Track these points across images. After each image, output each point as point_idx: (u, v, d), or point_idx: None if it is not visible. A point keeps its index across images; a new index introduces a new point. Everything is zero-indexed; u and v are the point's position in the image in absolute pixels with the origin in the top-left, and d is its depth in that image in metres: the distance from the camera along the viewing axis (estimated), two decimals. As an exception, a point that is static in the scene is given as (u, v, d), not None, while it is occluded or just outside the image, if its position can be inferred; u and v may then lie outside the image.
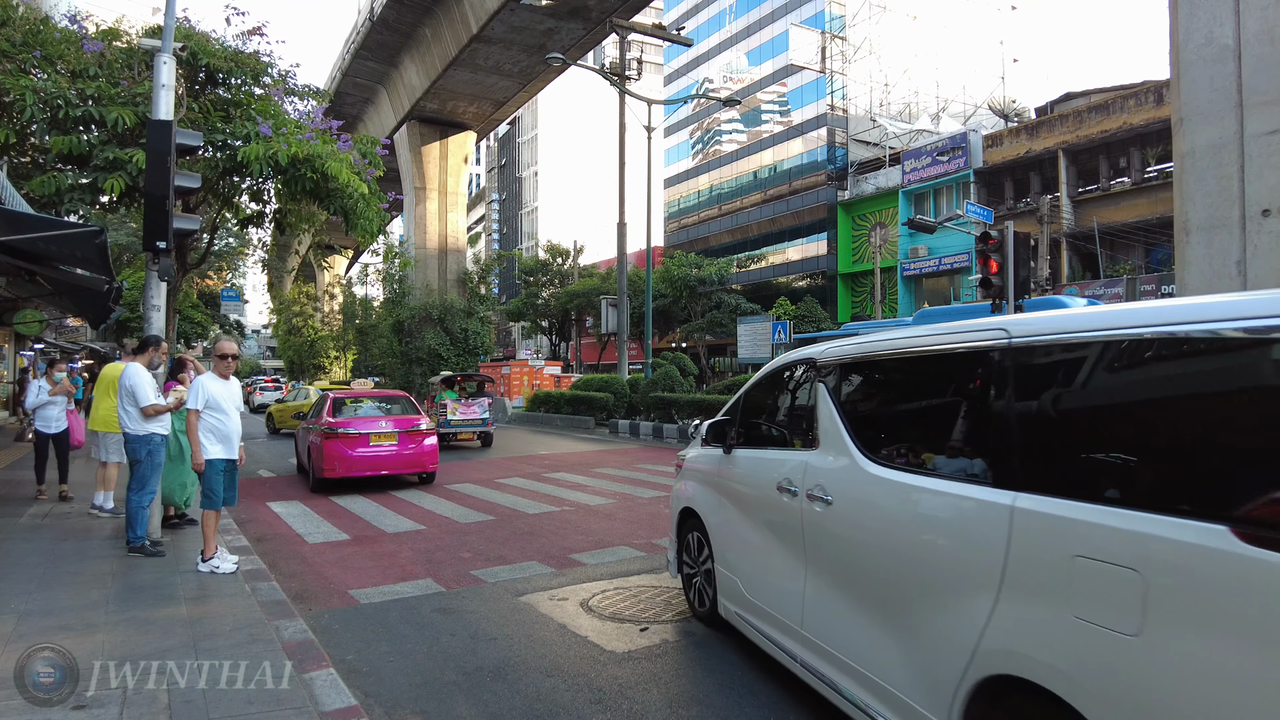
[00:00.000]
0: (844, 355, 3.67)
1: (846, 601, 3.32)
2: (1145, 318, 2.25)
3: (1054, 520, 2.33)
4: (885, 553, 3.11)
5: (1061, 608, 2.25)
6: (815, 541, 3.58)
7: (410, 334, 40.09)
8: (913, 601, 2.89)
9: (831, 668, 3.35)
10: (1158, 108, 28.17)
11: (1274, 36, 10.87)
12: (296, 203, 12.32)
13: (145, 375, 6.68)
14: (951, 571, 2.72)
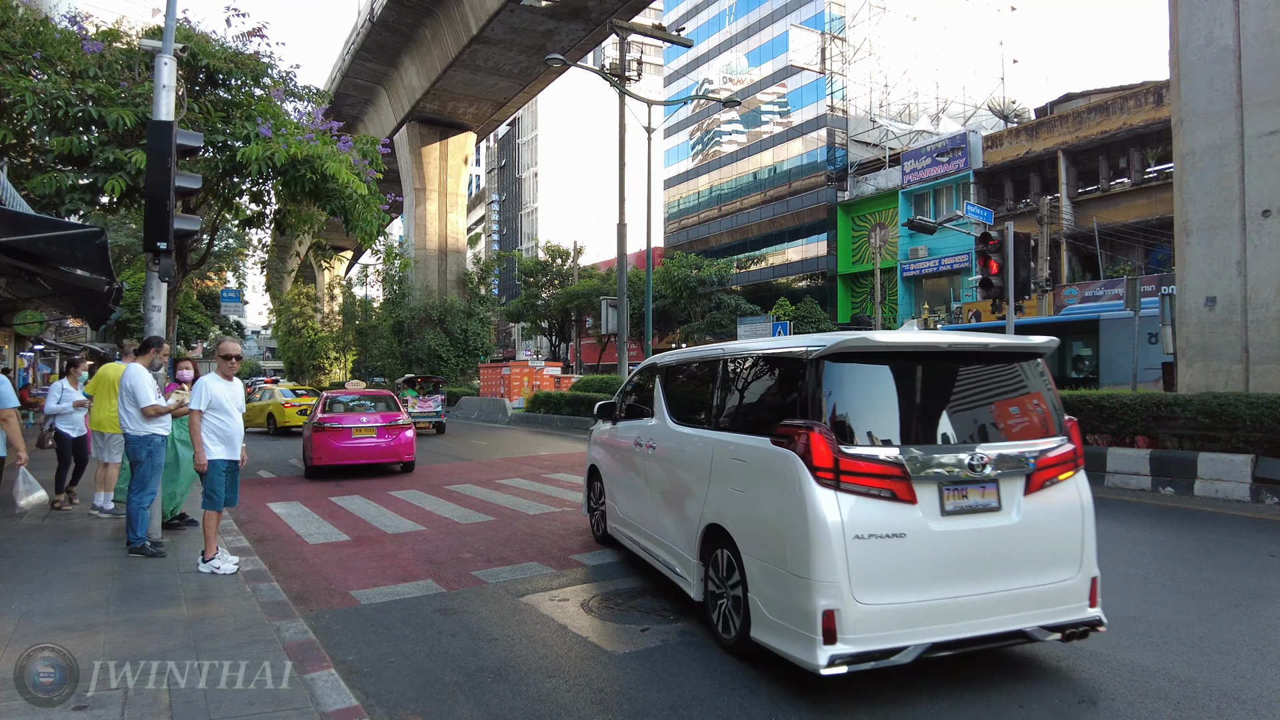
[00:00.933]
0: (668, 361, 6.18)
1: (659, 505, 5.67)
2: (751, 347, 4.91)
3: (724, 443, 4.68)
4: (673, 470, 5.46)
5: (728, 484, 4.54)
6: (647, 473, 5.97)
7: (410, 335, 40.10)
8: (682, 495, 5.24)
9: (653, 544, 5.74)
10: (1157, 108, 28.19)
11: (1274, 37, 10.87)
12: (296, 203, 12.34)
13: (146, 376, 6.68)
14: (696, 475, 4.99)
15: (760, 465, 4.21)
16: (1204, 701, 3.81)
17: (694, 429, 5.20)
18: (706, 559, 4.73)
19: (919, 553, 3.75)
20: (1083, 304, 29.03)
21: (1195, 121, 11.76)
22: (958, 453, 3.90)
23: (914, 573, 3.74)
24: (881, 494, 3.75)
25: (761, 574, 4.08)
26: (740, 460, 4.43)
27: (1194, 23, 11.75)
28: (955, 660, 4.25)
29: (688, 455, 5.21)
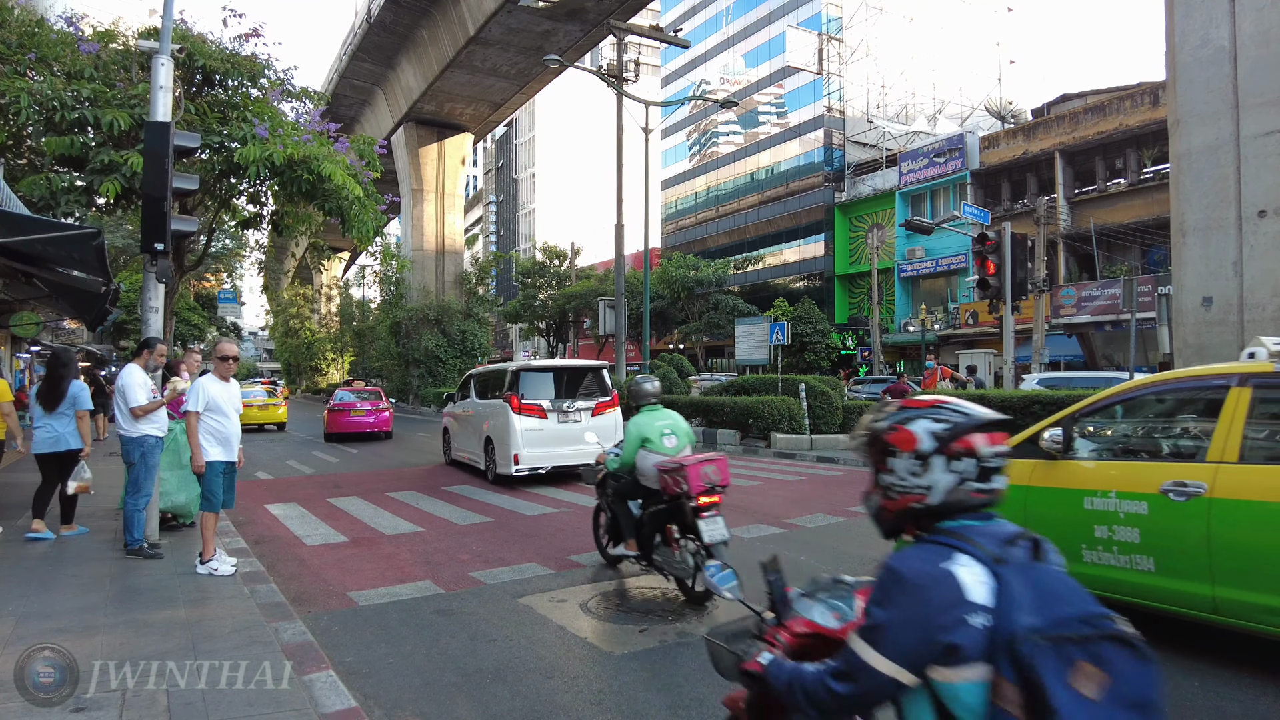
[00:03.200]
0: (477, 372, 14.12)
1: (470, 435, 13.39)
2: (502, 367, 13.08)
3: (490, 403, 12.49)
4: (475, 418, 13.13)
5: (492, 419, 12.27)
6: (466, 421, 13.75)
7: (408, 335, 40.05)
8: (478, 426, 12.88)
9: (468, 453, 13.48)
10: (1154, 109, 28.25)
11: (1270, 38, 10.90)
12: (293, 204, 12.32)
13: (137, 376, 6.66)
14: (482, 417, 12.72)
15: (500, 409, 11.72)
16: (1201, 700, 3.81)
17: (483, 400, 12.95)
18: (485, 450, 12.25)
19: (547, 434, 11.48)
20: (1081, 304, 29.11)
21: (1191, 122, 11.79)
22: (567, 401, 11.80)
23: (544, 441, 11.44)
24: (535, 416, 11.36)
25: (499, 447, 11.71)
26: (494, 409, 12.02)
27: (1190, 24, 11.78)
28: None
29: (480, 410, 12.89)
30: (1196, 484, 4.14)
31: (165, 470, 7.25)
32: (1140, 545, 4.35)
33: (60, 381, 7.23)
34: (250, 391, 25.45)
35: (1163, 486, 4.27)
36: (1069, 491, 4.69)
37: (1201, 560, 4.10)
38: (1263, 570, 3.87)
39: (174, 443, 7.42)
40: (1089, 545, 4.58)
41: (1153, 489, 4.31)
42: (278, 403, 26.32)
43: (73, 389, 7.32)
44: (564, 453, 11.45)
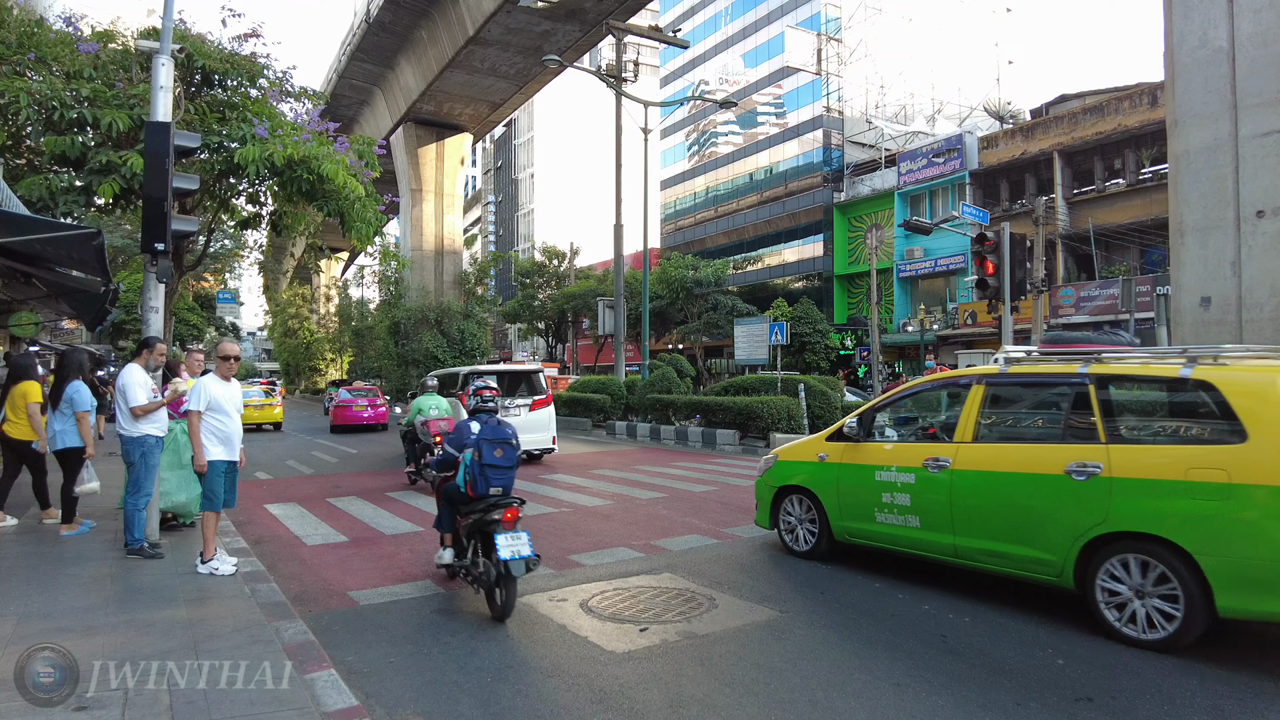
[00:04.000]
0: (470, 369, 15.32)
1: None
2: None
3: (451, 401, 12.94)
4: None
5: None
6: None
7: (406, 336, 40.02)
8: None
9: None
10: (1152, 109, 28.29)
11: (1268, 39, 10.92)
12: (293, 204, 12.31)
13: (138, 376, 6.65)
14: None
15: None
16: (1197, 697, 3.84)
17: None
18: None
19: None
20: (1079, 305, 29.16)
21: (1190, 123, 11.81)
22: (508, 400, 14.07)
23: None
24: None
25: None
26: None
27: (1188, 24, 11.80)
28: (950, 661, 4.30)
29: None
30: (945, 459, 5.56)
31: (165, 470, 7.26)
32: (910, 507, 5.79)
33: (62, 382, 7.34)
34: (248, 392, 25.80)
35: (924, 461, 5.70)
36: (865, 467, 6.18)
37: (947, 517, 5.53)
38: (983, 522, 5.33)
39: (174, 442, 7.42)
40: (879, 509, 6.03)
41: (918, 463, 5.74)
42: (274, 403, 26.53)
43: (68, 390, 7.36)
44: None
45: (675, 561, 6.74)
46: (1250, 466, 4.22)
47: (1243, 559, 4.19)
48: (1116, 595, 4.66)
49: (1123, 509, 4.62)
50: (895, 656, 4.43)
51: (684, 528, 8.14)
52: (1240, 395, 4.40)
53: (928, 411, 6.65)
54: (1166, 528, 4.44)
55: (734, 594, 5.70)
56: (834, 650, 4.56)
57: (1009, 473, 5.22)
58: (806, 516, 6.76)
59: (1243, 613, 4.27)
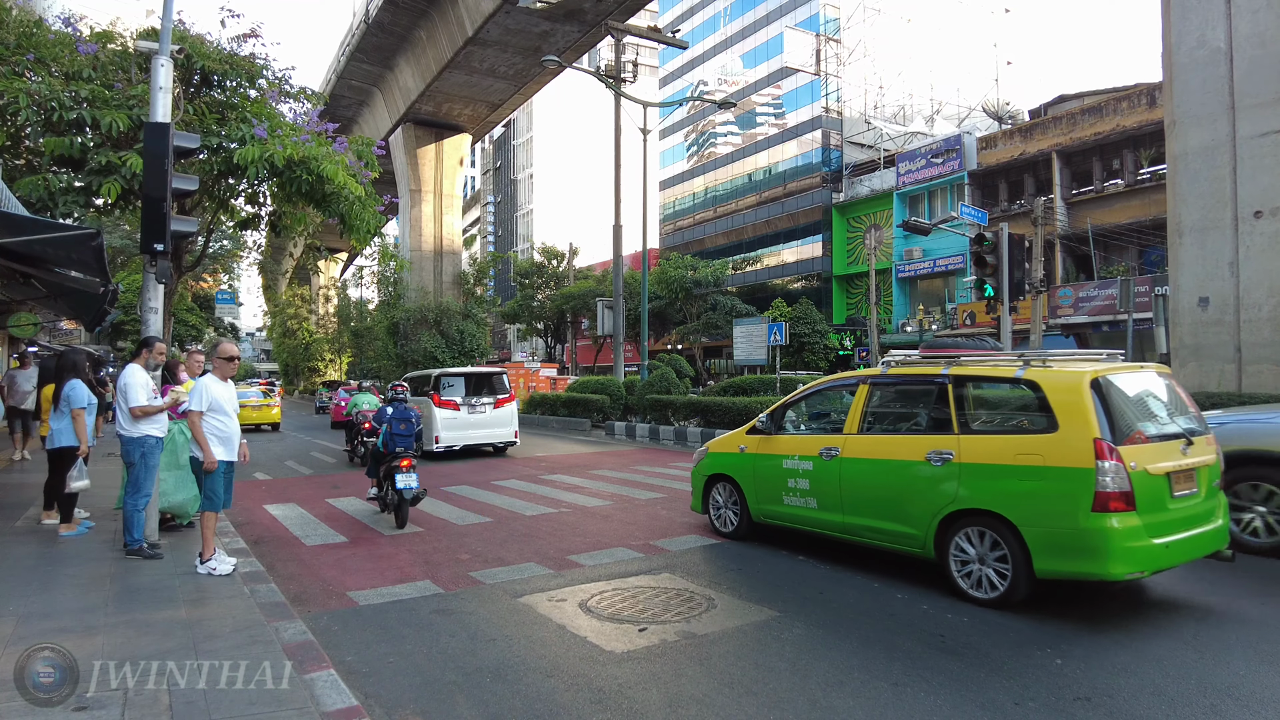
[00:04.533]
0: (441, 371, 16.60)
1: None
2: None
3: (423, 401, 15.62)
4: None
5: None
6: None
7: (406, 336, 39.99)
8: None
9: None
10: (1150, 110, 28.32)
11: (1265, 39, 10.94)
12: (292, 205, 12.31)
13: (139, 377, 6.66)
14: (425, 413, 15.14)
15: (426, 404, 15.50)
16: (1195, 697, 3.85)
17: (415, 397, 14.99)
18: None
19: (459, 421, 15.63)
20: (1078, 305, 29.18)
21: (1188, 123, 11.83)
22: (474, 398, 15.84)
23: (457, 427, 15.61)
24: (451, 409, 15.43)
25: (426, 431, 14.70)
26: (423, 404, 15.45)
27: (1186, 25, 11.82)
28: (951, 659, 4.31)
29: None
30: (836, 448, 6.45)
31: (163, 470, 7.25)
32: (809, 491, 6.68)
33: (60, 382, 7.42)
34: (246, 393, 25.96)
35: (820, 451, 6.58)
36: (775, 457, 7.07)
37: (838, 498, 6.40)
38: (865, 502, 6.19)
39: (172, 443, 7.42)
40: (786, 493, 6.90)
41: (815, 452, 6.61)
42: (273, 403, 26.58)
43: (65, 388, 7.39)
44: (472, 435, 15.86)
45: (674, 562, 6.75)
46: (1059, 452, 5.06)
47: (1052, 529, 5.03)
48: (966, 563, 5.47)
49: (968, 489, 5.45)
50: (893, 656, 4.44)
51: (683, 528, 8.15)
52: (1055, 392, 5.21)
53: (826, 408, 7.46)
54: (999, 504, 5.27)
55: (733, 594, 5.71)
56: (832, 650, 4.57)
57: (885, 459, 6.09)
58: (730, 501, 7.66)
59: (1053, 573, 5.08)
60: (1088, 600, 5.48)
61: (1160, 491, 5.08)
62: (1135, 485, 4.91)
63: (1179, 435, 5.39)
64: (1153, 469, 5.04)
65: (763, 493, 7.20)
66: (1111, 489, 4.85)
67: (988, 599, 5.29)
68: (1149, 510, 4.97)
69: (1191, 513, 5.26)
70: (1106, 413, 5.06)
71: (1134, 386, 5.61)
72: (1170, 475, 5.15)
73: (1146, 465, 5.01)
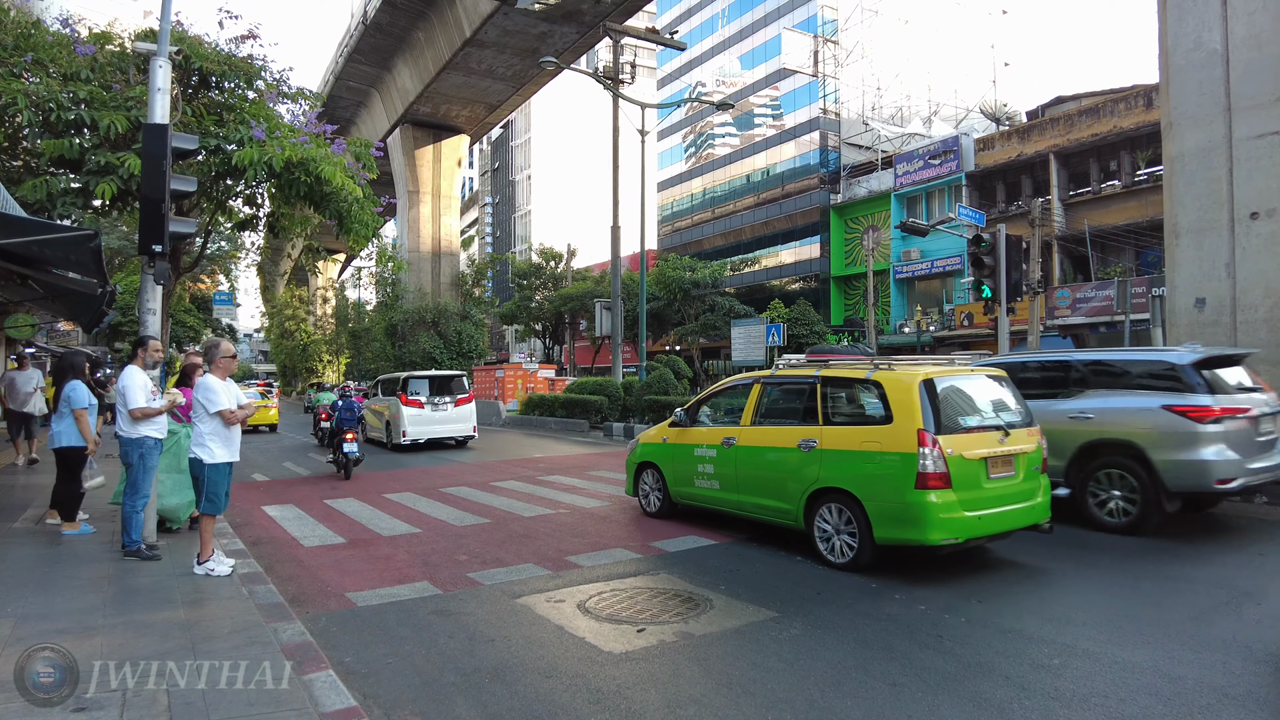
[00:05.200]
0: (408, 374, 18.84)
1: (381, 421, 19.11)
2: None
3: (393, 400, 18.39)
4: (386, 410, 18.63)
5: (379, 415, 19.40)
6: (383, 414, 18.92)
7: (404, 337, 39.98)
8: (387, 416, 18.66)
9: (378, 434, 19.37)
10: (1147, 111, 28.39)
11: (1261, 41, 10.97)
12: (291, 206, 12.30)
13: (138, 378, 6.65)
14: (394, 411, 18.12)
15: (395, 402, 17.93)
16: (1194, 697, 3.86)
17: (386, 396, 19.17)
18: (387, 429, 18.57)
19: (423, 418, 17.70)
20: (1075, 306, 29.23)
21: (1184, 125, 11.86)
22: (437, 398, 17.94)
23: (421, 423, 17.66)
24: (416, 406, 17.62)
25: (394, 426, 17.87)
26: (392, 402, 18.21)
27: (1182, 27, 11.85)
28: (946, 661, 4.33)
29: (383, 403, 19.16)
30: (733, 438, 7.60)
31: (162, 473, 7.24)
32: (714, 475, 7.82)
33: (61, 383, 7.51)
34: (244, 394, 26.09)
35: (721, 440, 7.73)
36: (688, 446, 8.23)
37: (734, 480, 7.54)
38: (754, 483, 7.32)
39: (175, 446, 7.42)
40: (697, 477, 8.04)
41: (718, 441, 7.76)
42: (271, 404, 26.60)
43: (65, 389, 7.40)
44: (435, 430, 17.95)
45: (672, 562, 6.76)
46: (892, 439, 6.08)
47: (887, 503, 6.03)
48: (826, 533, 6.52)
49: (828, 471, 6.51)
50: (891, 656, 4.45)
51: (681, 529, 8.15)
52: (892, 390, 6.22)
53: (731, 403, 8.27)
54: (850, 483, 6.31)
55: (730, 595, 5.72)
56: (830, 650, 4.58)
57: (768, 446, 7.22)
58: (656, 485, 8.81)
59: (888, 540, 6.06)
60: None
61: (976, 473, 6.06)
62: (952, 468, 5.90)
63: (998, 427, 6.37)
64: (969, 455, 6.03)
65: (679, 477, 8.37)
66: (931, 470, 5.85)
67: (841, 563, 6.36)
68: (964, 488, 5.95)
69: (1007, 492, 6.23)
70: (933, 408, 6.05)
71: (962, 387, 6.62)
72: (987, 460, 6.13)
73: (963, 452, 6.00)
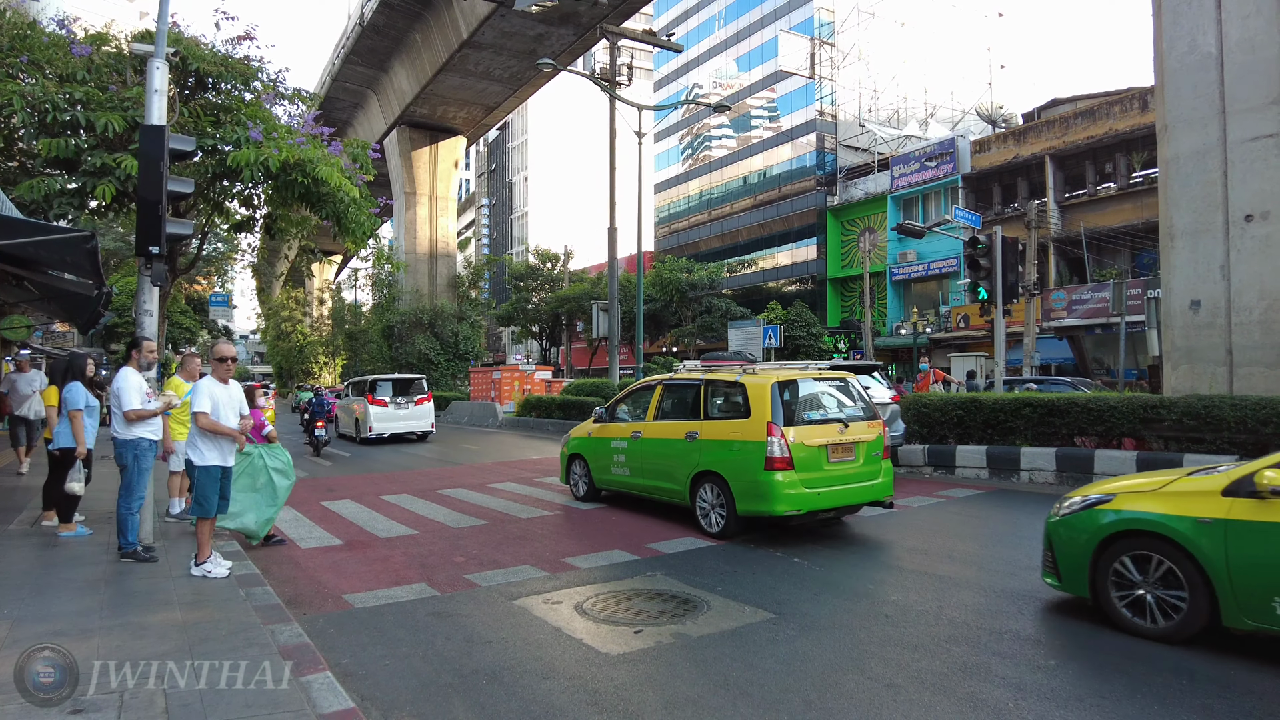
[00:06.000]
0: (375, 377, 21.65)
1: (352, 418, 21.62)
2: None
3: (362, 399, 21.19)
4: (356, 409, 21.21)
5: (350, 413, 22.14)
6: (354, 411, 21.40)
7: (400, 339, 39.94)
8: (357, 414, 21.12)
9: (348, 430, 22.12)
10: (1142, 114, 28.49)
11: (1255, 45, 11.03)
12: (287, 207, 12.31)
13: (133, 380, 6.64)
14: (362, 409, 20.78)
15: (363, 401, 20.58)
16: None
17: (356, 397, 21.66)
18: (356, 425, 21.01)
19: (387, 415, 20.36)
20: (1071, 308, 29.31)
21: (1179, 127, 11.91)
22: (400, 398, 20.62)
23: (385, 419, 20.34)
24: (381, 405, 20.28)
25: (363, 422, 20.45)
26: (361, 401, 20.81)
27: (1177, 30, 11.91)
28: (940, 661, 4.34)
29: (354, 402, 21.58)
30: (640, 431, 9.04)
31: (238, 492, 7.00)
32: (625, 463, 9.25)
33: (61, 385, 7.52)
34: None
35: (630, 433, 9.16)
36: (606, 439, 9.63)
37: (640, 467, 9.01)
38: (654, 469, 8.79)
39: (250, 466, 7.17)
40: (613, 465, 9.47)
41: (628, 435, 9.21)
42: (268, 406, 26.64)
43: (64, 391, 7.40)
44: (397, 425, 20.59)
45: (668, 564, 6.77)
46: (750, 430, 7.52)
47: (745, 482, 7.47)
48: (704, 509, 7.96)
49: (706, 457, 7.96)
50: (887, 658, 4.46)
51: (678, 530, 8.16)
52: (752, 390, 7.67)
53: (640, 402, 9.48)
54: (720, 467, 7.78)
55: (727, 596, 5.73)
56: (827, 652, 4.59)
57: (665, 438, 8.63)
58: (583, 474, 10.16)
59: (747, 512, 7.47)
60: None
61: (817, 458, 7.43)
62: (795, 453, 7.29)
63: (839, 420, 7.75)
64: (809, 442, 7.41)
65: (600, 466, 9.75)
66: (777, 455, 7.26)
67: (714, 532, 7.76)
68: (806, 470, 7.33)
69: (846, 474, 7.60)
70: (783, 405, 7.49)
71: (811, 388, 8.10)
72: (827, 447, 7.49)
73: (804, 440, 7.39)
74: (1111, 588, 4.73)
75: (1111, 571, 4.72)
